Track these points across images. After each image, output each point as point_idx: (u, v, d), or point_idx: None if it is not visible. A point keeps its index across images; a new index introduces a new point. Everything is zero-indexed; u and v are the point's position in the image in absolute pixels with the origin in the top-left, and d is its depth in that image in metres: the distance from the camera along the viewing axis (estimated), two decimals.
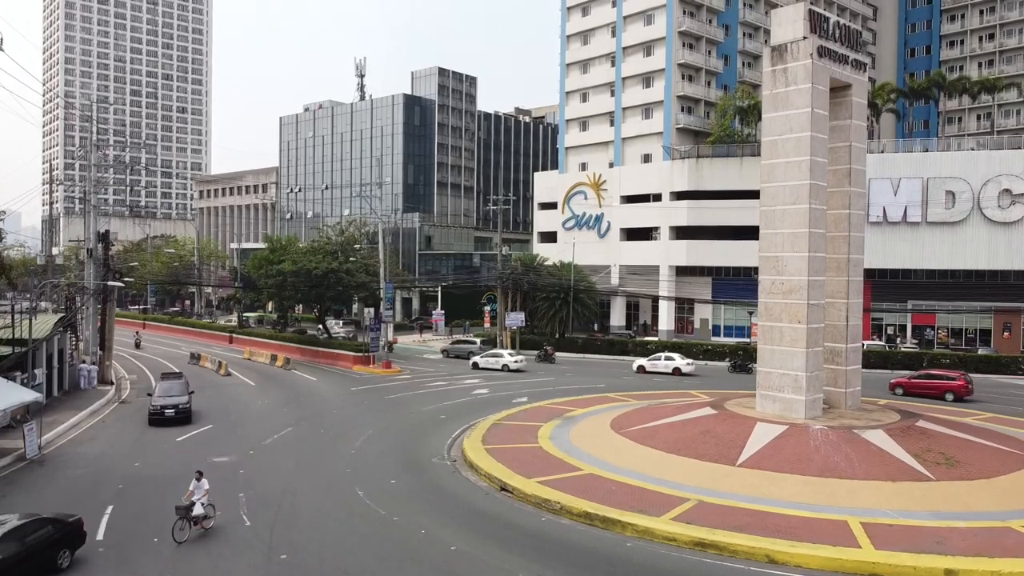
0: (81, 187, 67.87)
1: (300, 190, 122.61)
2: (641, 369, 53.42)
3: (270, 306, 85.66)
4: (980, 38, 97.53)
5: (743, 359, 53.49)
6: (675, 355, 53.79)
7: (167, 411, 33.89)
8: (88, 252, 44.74)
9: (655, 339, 68.47)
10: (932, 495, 22.22)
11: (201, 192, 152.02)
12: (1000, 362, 55.80)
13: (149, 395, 35.48)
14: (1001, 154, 65.13)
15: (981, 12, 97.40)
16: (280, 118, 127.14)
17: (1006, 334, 65.54)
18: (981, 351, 61.62)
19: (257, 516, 21.10)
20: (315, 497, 22.98)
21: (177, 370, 41.12)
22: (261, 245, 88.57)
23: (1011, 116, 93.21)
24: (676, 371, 51.80)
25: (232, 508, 21.72)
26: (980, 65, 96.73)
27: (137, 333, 73.29)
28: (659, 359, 53.39)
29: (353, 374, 51.71)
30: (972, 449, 26.11)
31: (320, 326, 68.21)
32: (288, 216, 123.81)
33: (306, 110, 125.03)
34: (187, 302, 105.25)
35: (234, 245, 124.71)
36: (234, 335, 71.22)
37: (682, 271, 74.74)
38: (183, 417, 33.92)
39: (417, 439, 31.13)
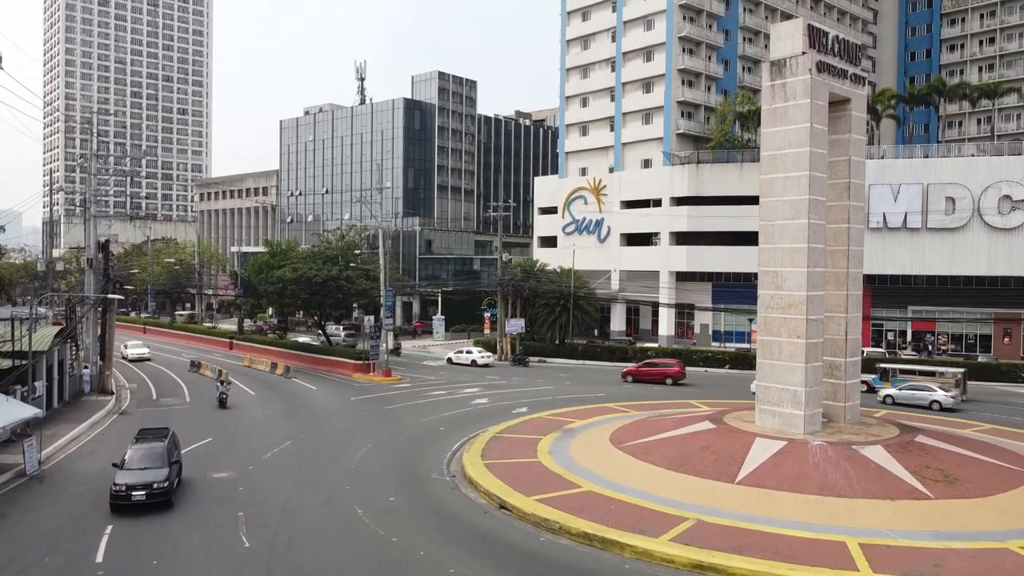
0: (81, 193, 67.90)
1: (300, 194, 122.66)
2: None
3: (270, 311, 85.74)
4: (980, 42, 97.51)
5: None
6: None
7: (135, 493, 22.80)
8: (88, 262, 44.77)
9: (655, 345, 68.49)
10: (931, 514, 22.24)
11: (202, 195, 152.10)
12: (1000, 369, 55.85)
13: (115, 465, 24.33)
14: (1001, 160, 65.11)
15: (981, 16, 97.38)
16: (280, 121, 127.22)
17: (1006, 340, 65.52)
18: (981, 358, 61.68)
19: (256, 536, 21.11)
20: (314, 516, 23.00)
21: (162, 427, 27.86)
22: (262, 249, 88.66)
23: (1011, 120, 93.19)
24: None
25: (231, 528, 21.73)
26: (980, 69, 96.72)
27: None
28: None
29: (353, 382, 51.74)
30: (971, 465, 26.13)
31: (320, 332, 68.23)
32: (289, 219, 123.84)
33: (306, 113, 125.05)
34: (188, 305, 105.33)
35: (235, 248, 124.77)
36: (234, 341, 71.26)
37: (682, 276, 74.75)
38: (160, 501, 23.14)
39: (417, 453, 31.15)
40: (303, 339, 70.22)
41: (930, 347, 66.55)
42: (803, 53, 28.45)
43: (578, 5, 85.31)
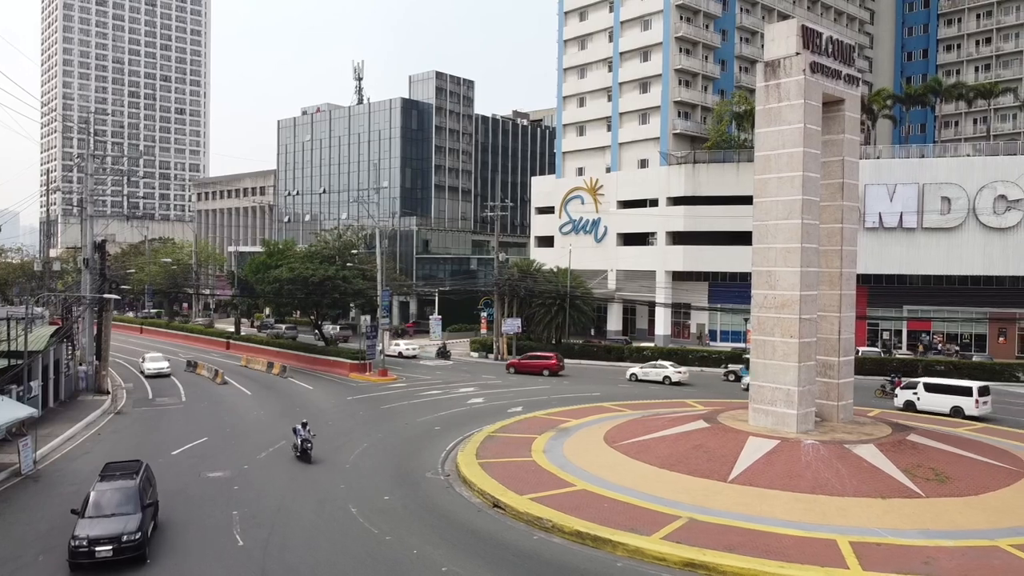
0: (78, 193, 67.97)
1: (298, 193, 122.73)
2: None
3: (267, 310, 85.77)
4: (977, 42, 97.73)
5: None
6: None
7: (100, 548, 18.61)
8: (84, 262, 44.83)
9: (651, 345, 68.62)
10: (922, 513, 22.36)
11: (199, 194, 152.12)
12: (995, 369, 55.99)
13: (74, 512, 20.13)
14: (997, 160, 65.28)
15: (978, 16, 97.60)
16: (278, 121, 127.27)
17: (1001, 340, 65.70)
18: (976, 357, 61.82)
19: (250, 535, 21.20)
20: (309, 515, 23.09)
21: (133, 461, 23.19)
22: (259, 248, 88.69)
23: (1007, 120, 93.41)
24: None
25: (225, 527, 21.82)
26: (977, 69, 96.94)
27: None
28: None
29: (350, 382, 51.83)
30: (963, 464, 26.26)
31: (316, 331, 68.31)
32: (286, 219, 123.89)
33: (304, 113, 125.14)
34: (185, 305, 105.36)
35: (232, 248, 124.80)
36: (231, 341, 71.30)
37: (679, 276, 74.86)
38: (132, 556, 19.00)
39: (411, 452, 31.24)
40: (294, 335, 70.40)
41: (924, 346, 66.68)
42: (797, 54, 28.58)
43: (575, 5, 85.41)
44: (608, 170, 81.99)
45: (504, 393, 46.95)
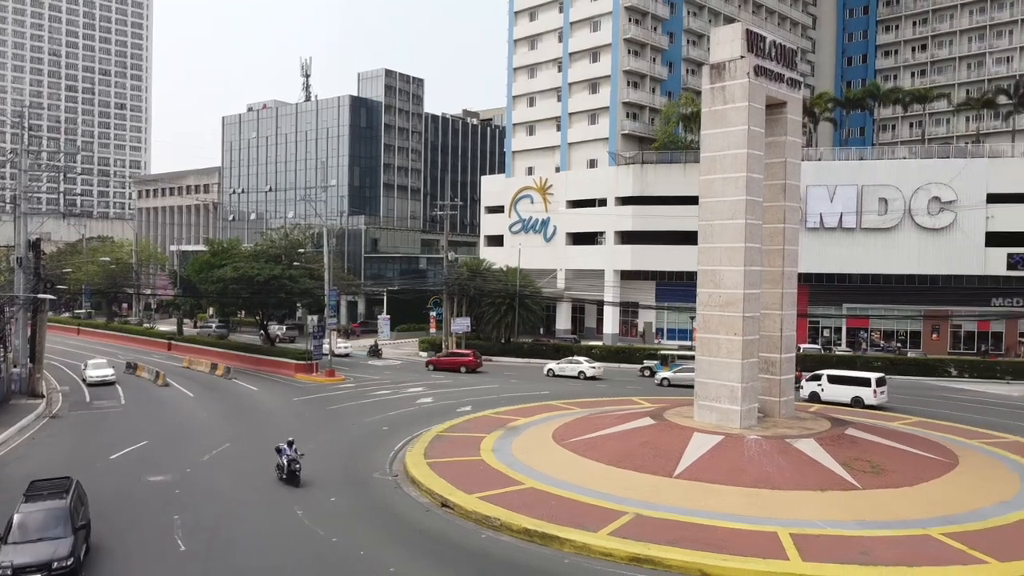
0: (12, 189, 65.66)
1: (243, 191, 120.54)
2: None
3: (211, 311, 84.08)
4: (913, 48, 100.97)
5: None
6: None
7: None
8: (17, 261, 43.33)
9: (600, 343, 69.23)
10: (859, 504, 23.01)
11: (140, 192, 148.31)
12: (928, 364, 57.95)
13: None
14: (931, 163, 67.57)
15: (914, 24, 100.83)
16: (223, 118, 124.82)
17: (935, 336, 68.02)
18: (911, 354, 63.93)
19: (193, 539, 20.75)
20: (253, 518, 22.71)
21: (63, 478, 21.17)
22: (203, 247, 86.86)
23: (941, 125, 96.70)
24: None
25: (167, 532, 21.32)
26: (913, 75, 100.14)
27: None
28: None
29: (296, 383, 51.12)
30: (898, 456, 27.12)
31: (262, 332, 67.21)
32: (231, 218, 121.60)
33: (250, 110, 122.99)
34: (125, 306, 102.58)
35: (174, 247, 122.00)
36: (173, 342, 69.70)
37: (627, 275, 75.65)
38: None
39: (359, 453, 30.96)
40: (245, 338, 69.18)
41: (864, 343, 68.70)
42: (741, 57, 29.14)
43: (526, 5, 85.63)
44: (558, 170, 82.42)
45: (453, 392, 46.85)
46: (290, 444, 26.78)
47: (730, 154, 29.11)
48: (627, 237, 74.98)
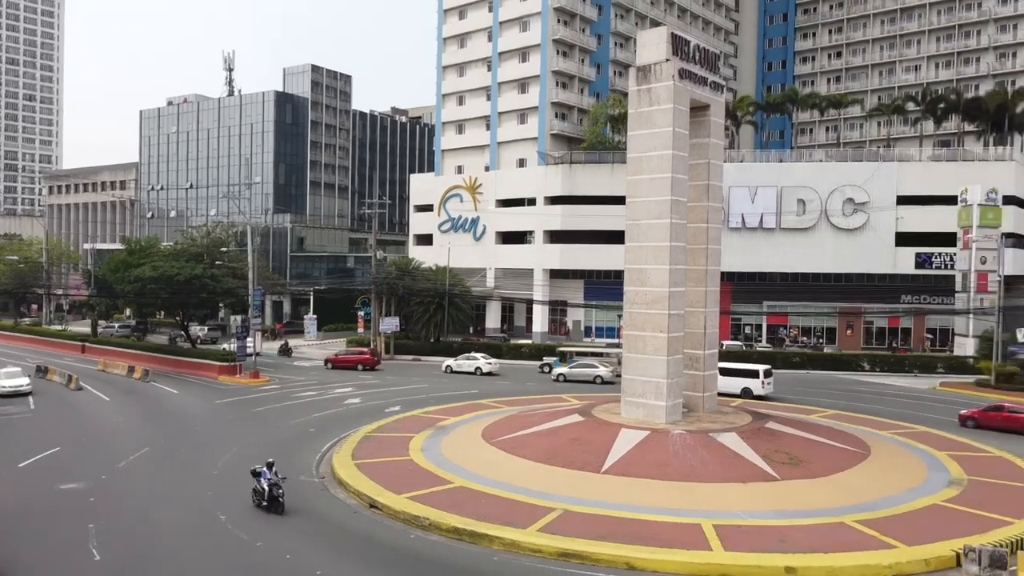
0: None
1: (162, 188, 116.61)
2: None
3: (128, 311, 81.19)
4: (829, 55, 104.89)
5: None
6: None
7: None
8: None
9: (529, 342, 69.64)
10: (778, 495, 23.80)
11: (51, 188, 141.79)
12: (843, 359, 60.32)
13: None
14: (846, 166, 70.33)
15: (830, 32, 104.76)
16: (140, 111, 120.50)
17: (849, 332, 70.85)
18: (827, 349, 66.43)
19: (108, 549, 19.97)
20: (174, 524, 22.00)
21: None
22: (119, 246, 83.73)
23: (855, 129, 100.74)
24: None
25: (80, 541, 20.45)
26: (829, 81, 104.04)
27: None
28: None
29: (219, 385, 49.76)
30: (814, 448, 28.15)
31: (183, 333, 65.19)
32: (149, 215, 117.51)
33: (169, 104, 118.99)
34: (35, 306, 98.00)
35: (88, 245, 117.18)
36: (87, 344, 66.92)
37: (556, 274, 76.27)
38: None
39: (285, 455, 30.24)
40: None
41: (791, 341, 71.05)
42: (667, 60, 29.74)
43: (455, 3, 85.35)
44: (487, 169, 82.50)
45: (382, 393, 46.40)
46: (270, 466, 23.63)
47: (656, 155, 29.68)
48: (556, 236, 75.59)
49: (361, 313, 73.59)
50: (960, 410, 39.17)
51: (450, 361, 57.34)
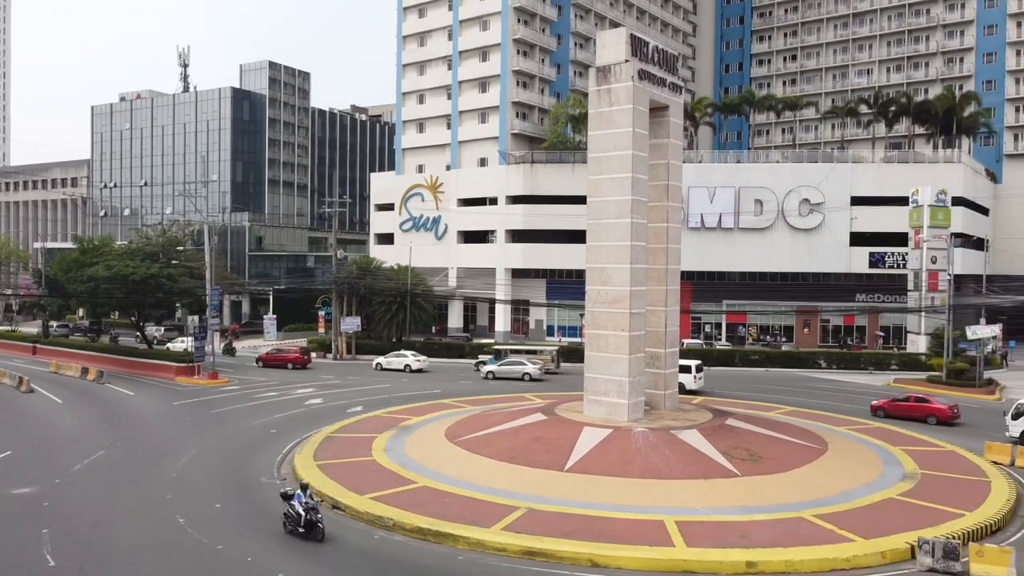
0: None
1: (115, 186, 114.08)
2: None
3: (81, 312, 79.34)
4: (785, 59, 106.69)
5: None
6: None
7: None
8: None
9: (491, 341, 69.64)
10: (739, 491, 24.18)
11: None
12: (800, 357, 61.46)
13: None
14: (802, 167, 71.66)
15: (785, 35, 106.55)
16: (92, 107, 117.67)
17: (806, 330, 72.21)
18: (785, 347, 67.61)
19: (63, 554, 19.51)
20: (131, 528, 21.59)
21: None
22: (71, 245, 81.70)
23: (810, 131, 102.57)
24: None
25: (34, 547, 19.95)
26: (785, 83, 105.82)
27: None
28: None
29: (176, 386, 48.88)
30: (774, 444, 28.64)
31: (139, 334, 63.89)
32: (102, 213, 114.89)
33: (122, 100, 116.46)
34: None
35: (38, 244, 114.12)
36: (38, 345, 65.21)
37: (518, 273, 76.40)
38: None
39: (245, 457, 29.95)
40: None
41: (754, 338, 72.19)
42: (626, 61, 29.97)
43: (414, 2, 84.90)
44: (448, 168, 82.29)
45: (344, 393, 46.04)
46: (304, 488, 21.22)
47: (616, 155, 29.91)
48: (518, 235, 75.73)
49: (322, 313, 72.89)
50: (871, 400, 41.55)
51: (380, 359, 58.32)
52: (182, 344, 62.54)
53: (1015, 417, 34.74)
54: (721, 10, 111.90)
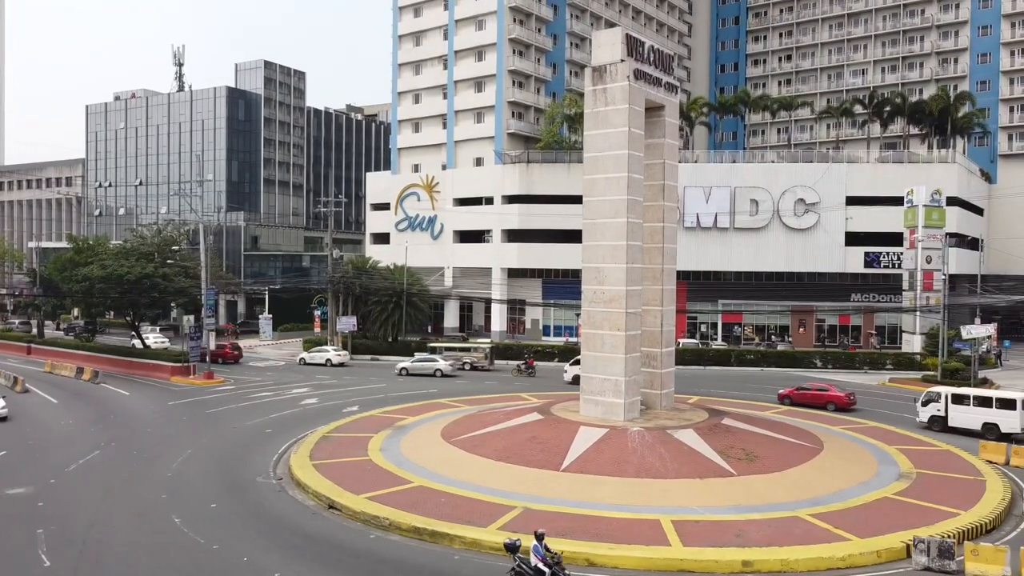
0: None
1: (110, 185, 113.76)
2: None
3: (76, 312, 79.07)
4: (780, 59, 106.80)
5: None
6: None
7: None
8: None
9: (487, 341, 69.58)
10: (734, 490, 24.22)
11: None
12: (795, 356, 61.55)
13: None
14: (797, 167, 71.75)
15: (780, 35, 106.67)
16: (87, 106, 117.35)
17: (802, 330, 72.33)
18: (780, 347, 67.71)
19: (58, 554, 19.47)
20: (126, 528, 21.55)
21: None
22: (66, 244, 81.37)
23: (805, 131, 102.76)
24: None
25: (29, 547, 19.91)
26: (780, 83, 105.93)
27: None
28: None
29: (172, 386, 48.78)
30: (769, 444, 28.70)
31: (134, 334, 63.68)
32: (97, 213, 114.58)
33: (117, 99, 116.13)
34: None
35: (33, 244, 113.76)
36: (33, 345, 65.03)
37: (513, 273, 76.39)
38: None
39: (241, 457, 29.91)
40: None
41: (757, 337, 72.30)
42: (622, 60, 29.99)
43: (410, 1, 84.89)
44: (444, 167, 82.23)
45: (339, 393, 45.99)
46: (540, 539, 17.61)
47: (612, 155, 29.92)
48: (514, 235, 75.71)
49: (318, 313, 72.78)
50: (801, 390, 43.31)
51: (304, 354, 60.61)
52: (159, 342, 64.62)
53: (924, 404, 37.66)
54: (716, 10, 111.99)
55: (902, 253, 65.40)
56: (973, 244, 74.60)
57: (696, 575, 18.86)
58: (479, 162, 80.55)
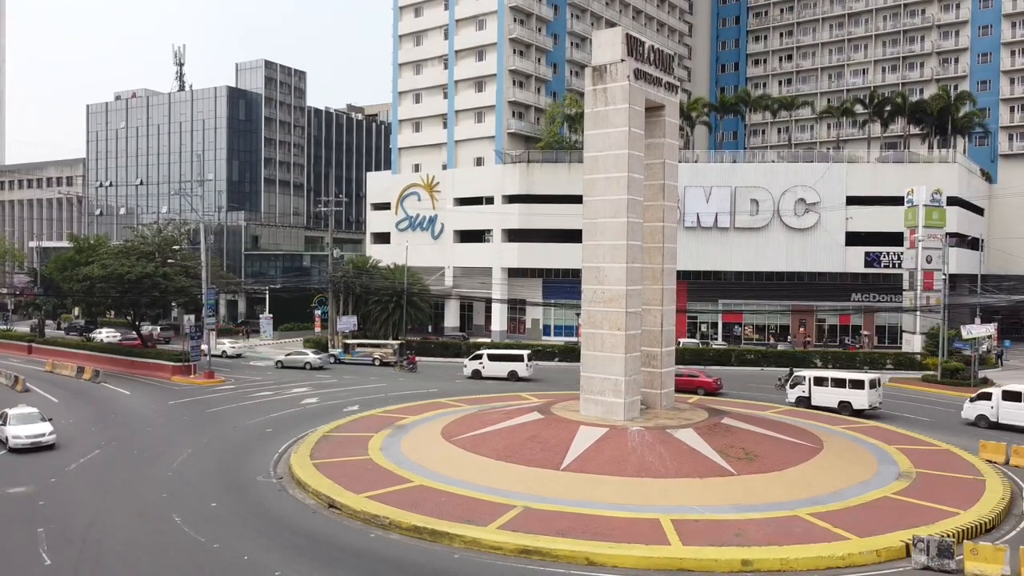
0: None
1: (111, 185, 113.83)
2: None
3: (76, 311, 79.17)
4: (780, 58, 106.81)
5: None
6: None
7: None
8: None
9: (488, 340, 69.65)
10: (734, 489, 24.24)
11: None
12: (796, 356, 61.51)
13: None
14: (797, 167, 71.74)
15: (781, 35, 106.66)
16: (87, 106, 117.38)
17: (802, 330, 72.30)
18: (780, 346, 67.72)
19: (59, 553, 19.51)
20: (126, 527, 21.59)
21: None
22: (67, 244, 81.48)
23: (806, 131, 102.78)
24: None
25: (30, 546, 19.95)
26: (780, 83, 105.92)
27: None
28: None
29: (172, 386, 48.84)
30: (769, 443, 28.72)
31: (134, 332, 63.74)
32: (98, 212, 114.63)
33: (118, 98, 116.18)
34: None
35: (34, 243, 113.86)
36: (34, 344, 65.09)
37: (514, 272, 76.41)
38: None
39: (241, 456, 29.95)
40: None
41: (771, 338, 72.33)
42: (622, 60, 30.01)
43: (410, 1, 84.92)
44: (445, 167, 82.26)
45: (340, 392, 46.04)
46: None
47: (612, 154, 29.95)
48: (514, 235, 75.73)
49: (318, 312, 72.81)
50: None
51: (281, 356, 60.55)
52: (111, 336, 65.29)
53: (792, 386, 42.00)
54: (717, 10, 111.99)
55: (902, 253, 65.39)
56: (973, 244, 74.61)
57: (696, 574, 18.89)
58: (479, 162, 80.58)
